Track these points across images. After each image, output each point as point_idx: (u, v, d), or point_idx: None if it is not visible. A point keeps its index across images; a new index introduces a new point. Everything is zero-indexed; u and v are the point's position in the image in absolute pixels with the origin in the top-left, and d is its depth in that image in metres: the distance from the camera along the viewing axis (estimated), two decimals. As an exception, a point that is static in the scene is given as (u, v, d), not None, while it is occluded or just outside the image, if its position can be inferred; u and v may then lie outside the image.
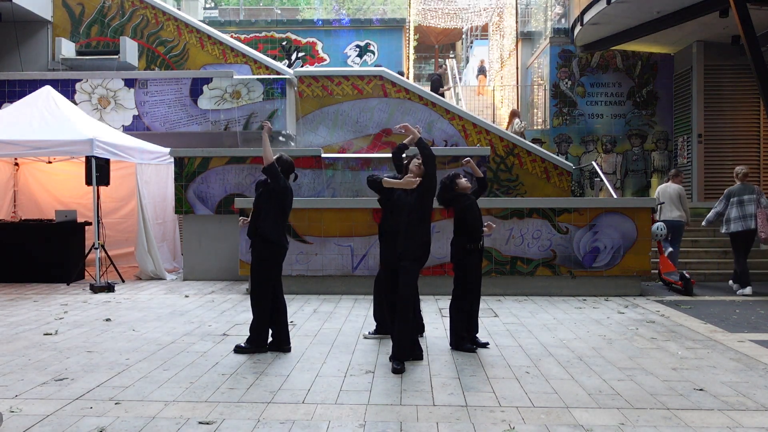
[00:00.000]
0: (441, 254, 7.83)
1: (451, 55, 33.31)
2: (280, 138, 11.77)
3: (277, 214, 5.34)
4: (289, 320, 6.46)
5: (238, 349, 5.27)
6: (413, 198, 4.96)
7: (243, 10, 21.28)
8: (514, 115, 13.46)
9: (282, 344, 5.35)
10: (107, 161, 8.85)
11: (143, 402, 4.04)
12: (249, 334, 5.35)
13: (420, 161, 5.03)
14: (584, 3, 12.94)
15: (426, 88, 13.60)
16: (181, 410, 3.90)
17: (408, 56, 19.41)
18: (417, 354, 5.09)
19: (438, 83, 14.15)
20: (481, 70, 21.83)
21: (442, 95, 12.41)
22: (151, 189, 9.92)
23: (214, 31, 13.26)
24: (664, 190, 9.59)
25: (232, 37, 13.82)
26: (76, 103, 10.99)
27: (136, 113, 11.41)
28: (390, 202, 5.29)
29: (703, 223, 9.22)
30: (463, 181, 5.59)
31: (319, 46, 17.16)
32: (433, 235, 5.87)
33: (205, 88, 11.31)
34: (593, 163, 12.72)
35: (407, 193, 5.01)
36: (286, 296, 7.93)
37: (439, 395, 4.20)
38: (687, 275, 8.42)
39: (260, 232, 5.27)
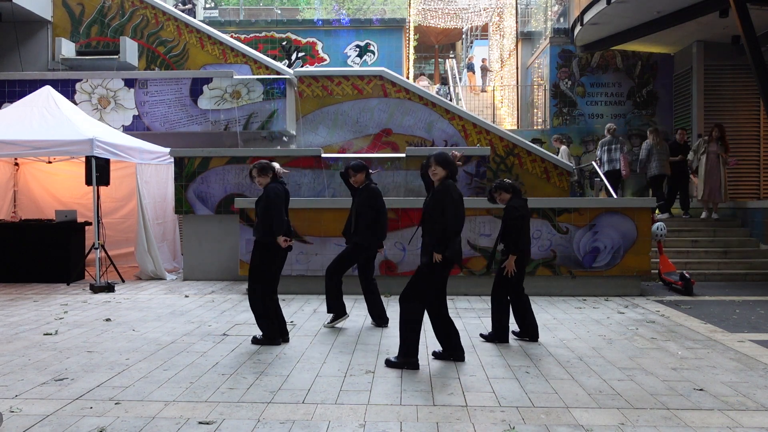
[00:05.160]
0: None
1: (451, 55, 33.31)
2: (284, 138, 11.77)
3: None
4: (289, 320, 6.48)
5: (255, 341, 5.60)
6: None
7: (243, 10, 21.27)
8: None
9: (284, 334, 5.69)
10: (107, 161, 8.85)
11: (143, 402, 4.04)
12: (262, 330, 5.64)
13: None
14: (584, 3, 12.94)
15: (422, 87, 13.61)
16: (181, 410, 3.90)
17: (408, 56, 19.41)
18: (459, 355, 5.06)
19: None
20: (470, 67, 21.70)
21: None
22: (151, 189, 9.91)
23: (214, 31, 13.25)
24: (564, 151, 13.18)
25: (232, 37, 13.81)
26: (76, 103, 10.97)
27: (136, 113, 11.40)
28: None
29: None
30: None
31: (319, 46, 17.15)
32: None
33: (205, 88, 11.30)
34: (593, 163, 12.71)
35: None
36: (286, 296, 7.98)
37: (439, 395, 4.20)
38: (687, 275, 8.43)
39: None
